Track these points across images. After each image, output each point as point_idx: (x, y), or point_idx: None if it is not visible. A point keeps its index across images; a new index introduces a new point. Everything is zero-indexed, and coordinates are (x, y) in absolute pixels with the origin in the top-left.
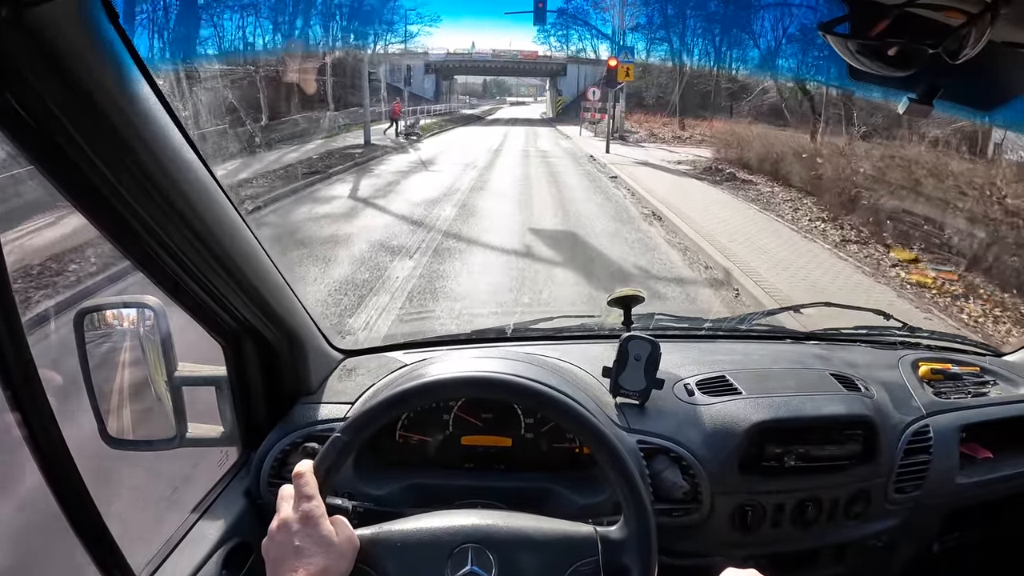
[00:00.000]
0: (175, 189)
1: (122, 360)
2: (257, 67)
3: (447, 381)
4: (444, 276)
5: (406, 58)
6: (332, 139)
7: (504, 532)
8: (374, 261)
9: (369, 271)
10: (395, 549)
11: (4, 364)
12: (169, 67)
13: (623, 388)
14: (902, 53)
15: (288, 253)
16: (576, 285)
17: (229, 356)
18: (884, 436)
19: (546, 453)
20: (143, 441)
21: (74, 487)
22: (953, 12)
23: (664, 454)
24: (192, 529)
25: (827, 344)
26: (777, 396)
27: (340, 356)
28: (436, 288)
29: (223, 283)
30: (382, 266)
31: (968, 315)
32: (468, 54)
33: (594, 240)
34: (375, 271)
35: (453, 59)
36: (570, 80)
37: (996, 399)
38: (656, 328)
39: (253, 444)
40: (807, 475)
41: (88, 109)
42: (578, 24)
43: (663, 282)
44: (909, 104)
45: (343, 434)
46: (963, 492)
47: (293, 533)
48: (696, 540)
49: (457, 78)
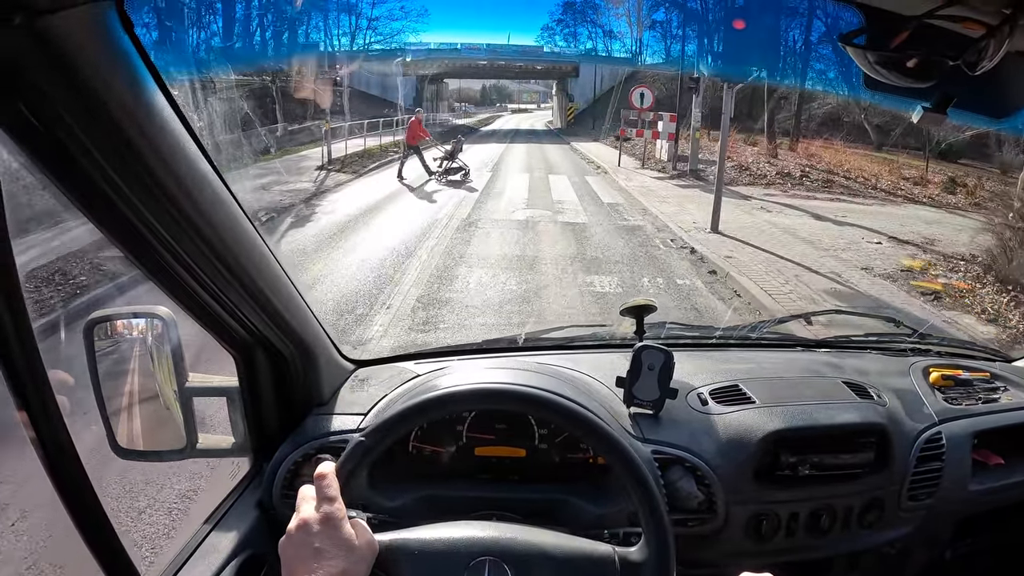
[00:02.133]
0: (188, 200)
1: (132, 370)
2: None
3: (465, 392)
4: None
5: (379, 61)
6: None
7: (522, 546)
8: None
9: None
10: (413, 557)
11: (14, 371)
12: (183, 77)
13: (637, 398)
14: (921, 65)
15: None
16: None
17: (241, 367)
18: (897, 444)
19: (560, 463)
20: (153, 452)
21: (84, 496)
22: (972, 24)
23: (679, 464)
24: (204, 541)
25: (838, 352)
26: (791, 405)
27: (352, 367)
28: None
29: (235, 294)
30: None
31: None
32: (454, 49)
33: None
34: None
35: (436, 57)
36: (584, 83)
37: (1007, 405)
38: (668, 337)
39: (265, 455)
40: (821, 484)
41: (101, 119)
42: (588, 22)
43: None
44: (923, 113)
45: (367, 438)
46: (976, 499)
47: (313, 534)
48: (711, 550)
49: (448, 82)
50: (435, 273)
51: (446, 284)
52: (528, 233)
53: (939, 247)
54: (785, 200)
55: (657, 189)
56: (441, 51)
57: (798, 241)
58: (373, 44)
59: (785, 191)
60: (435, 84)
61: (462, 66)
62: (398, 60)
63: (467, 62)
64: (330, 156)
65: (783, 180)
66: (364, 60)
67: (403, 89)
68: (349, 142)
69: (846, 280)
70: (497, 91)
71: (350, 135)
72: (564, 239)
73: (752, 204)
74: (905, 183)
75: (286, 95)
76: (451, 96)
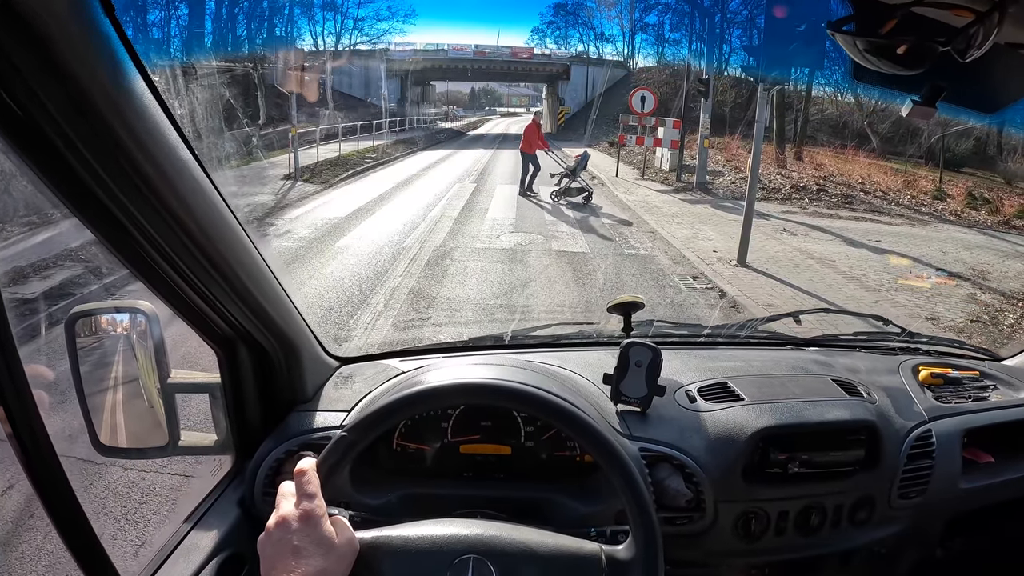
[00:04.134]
0: (169, 189)
1: (114, 365)
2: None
3: (452, 387)
4: None
5: (362, 60)
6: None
7: (507, 544)
8: None
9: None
10: (395, 555)
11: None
12: (164, 63)
13: (624, 395)
14: (912, 51)
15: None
16: None
17: (223, 363)
18: (887, 441)
19: (546, 461)
20: (134, 449)
21: (63, 494)
22: (961, 11)
23: (667, 462)
24: (185, 539)
25: (827, 350)
26: (780, 402)
27: (336, 364)
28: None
29: (218, 288)
30: None
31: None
32: (440, 50)
33: None
34: None
35: (422, 57)
36: (575, 85)
37: (997, 403)
38: (656, 335)
39: (247, 452)
40: (811, 482)
41: (81, 104)
42: (579, 24)
43: None
44: (913, 106)
45: (349, 433)
46: (966, 497)
47: (292, 531)
48: (700, 548)
49: (435, 84)
50: (386, 341)
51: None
52: (516, 268)
53: (992, 281)
54: (807, 220)
55: (663, 205)
56: (427, 51)
57: (840, 277)
58: (359, 44)
59: (804, 207)
60: (420, 86)
61: (449, 67)
62: (382, 60)
63: (454, 63)
64: (297, 164)
65: (799, 195)
66: (348, 60)
67: (387, 90)
68: (322, 148)
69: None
70: (486, 94)
71: (324, 140)
72: (561, 278)
73: (773, 225)
74: (925, 197)
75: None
76: (438, 99)
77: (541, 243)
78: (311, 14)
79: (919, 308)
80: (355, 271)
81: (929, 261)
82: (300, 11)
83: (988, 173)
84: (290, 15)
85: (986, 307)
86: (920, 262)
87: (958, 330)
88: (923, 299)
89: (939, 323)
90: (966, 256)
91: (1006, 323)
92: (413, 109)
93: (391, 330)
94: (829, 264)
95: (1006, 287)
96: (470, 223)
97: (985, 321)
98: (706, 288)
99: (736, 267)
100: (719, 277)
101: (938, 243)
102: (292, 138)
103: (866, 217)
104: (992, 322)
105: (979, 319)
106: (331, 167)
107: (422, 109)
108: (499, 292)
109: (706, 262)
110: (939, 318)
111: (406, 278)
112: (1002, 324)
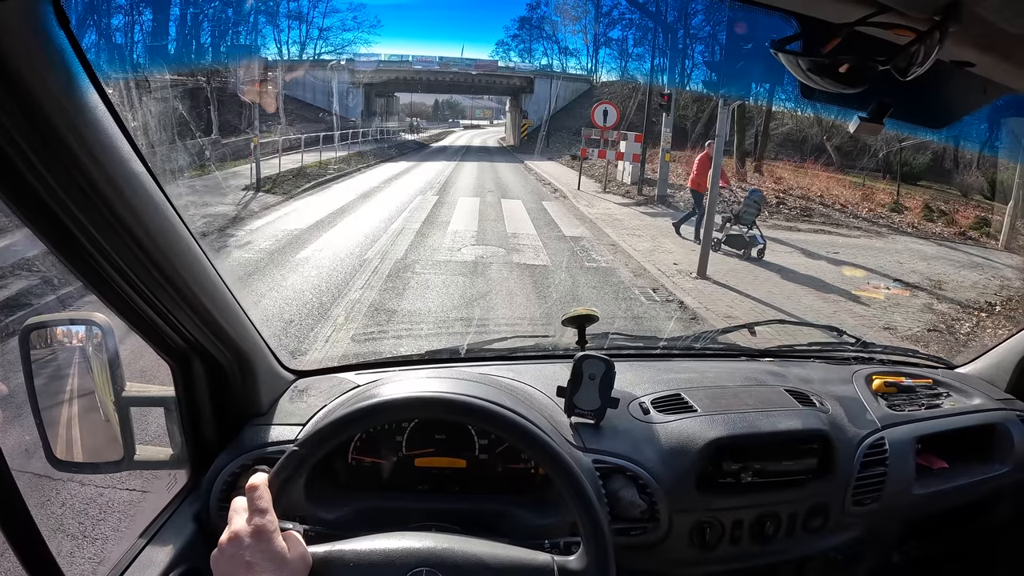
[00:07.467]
0: (121, 200)
1: (69, 378)
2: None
3: (404, 401)
4: None
5: (325, 70)
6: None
7: (459, 557)
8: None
9: None
10: (348, 569)
11: None
12: (119, 75)
13: (578, 408)
14: (853, 70)
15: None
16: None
17: (177, 376)
18: (840, 450)
19: (501, 474)
20: (89, 464)
21: (16, 510)
22: (902, 30)
23: (620, 473)
24: (140, 555)
25: (781, 361)
26: (732, 413)
27: (292, 377)
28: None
29: (171, 300)
30: None
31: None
32: (405, 61)
33: None
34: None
35: (386, 68)
36: (539, 99)
37: (949, 410)
38: (611, 347)
39: (202, 466)
40: (765, 491)
41: (33, 112)
42: (544, 38)
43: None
44: (860, 123)
45: (300, 448)
46: (921, 502)
47: (244, 547)
48: (654, 559)
49: (399, 96)
50: (345, 355)
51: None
52: (477, 281)
53: (949, 291)
54: (767, 232)
55: (624, 218)
56: (391, 62)
57: (800, 288)
58: (323, 54)
59: (763, 220)
60: (384, 98)
61: (413, 79)
62: (347, 70)
63: (418, 74)
64: (259, 175)
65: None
66: (309, 68)
67: (350, 101)
68: (284, 158)
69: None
70: (450, 106)
71: (286, 150)
72: (522, 290)
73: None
74: (882, 210)
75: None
76: (402, 110)
77: (503, 256)
78: (276, 23)
79: (876, 318)
80: (316, 284)
81: (887, 272)
82: (265, 20)
83: (944, 186)
84: (254, 24)
85: (943, 316)
86: (877, 273)
87: (915, 339)
88: (880, 309)
89: (896, 333)
90: (923, 267)
91: (962, 331)
92: (377, 120)
93: (350, 343)
94: (788, 276)
95: (962, 297)
96: (432, 236)
97: (942, 330)
98: (666, 300)
99: (696, 279)
100: (679, 289)
101: (895, 254)
102: (254, 148)
103: (825, 229)
104: (948, 331)
105: (936, 328)
106: (293, 178)
107: (386, 120)
108: (459, 305)
109: (666, 274)
110: (896, 328)
111: (367, 291)
112: (958, 333)
